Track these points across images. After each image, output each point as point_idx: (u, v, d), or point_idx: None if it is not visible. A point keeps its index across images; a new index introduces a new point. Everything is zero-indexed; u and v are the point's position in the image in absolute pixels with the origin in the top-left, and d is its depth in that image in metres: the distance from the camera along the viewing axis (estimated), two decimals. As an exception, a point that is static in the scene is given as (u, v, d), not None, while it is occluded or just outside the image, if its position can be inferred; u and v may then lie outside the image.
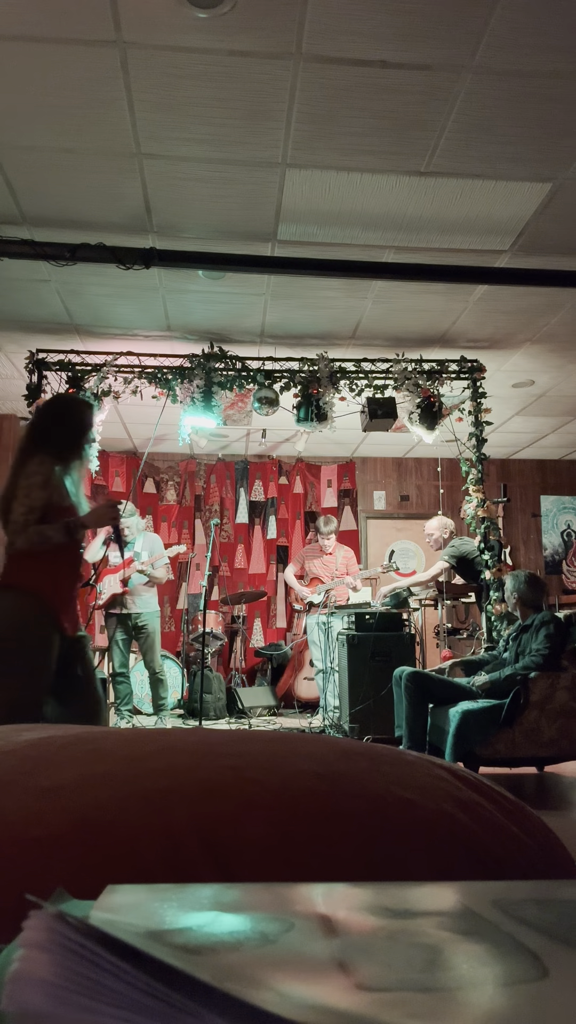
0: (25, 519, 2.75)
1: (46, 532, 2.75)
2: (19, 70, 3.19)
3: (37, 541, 2.75)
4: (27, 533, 2.75)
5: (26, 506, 2.76)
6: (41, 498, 2.78)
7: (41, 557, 2.78)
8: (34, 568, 2.78)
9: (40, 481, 2.79)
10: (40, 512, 2.77)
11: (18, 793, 0.68)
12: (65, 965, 0.27)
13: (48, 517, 2.79)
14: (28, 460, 2.85)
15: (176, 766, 0.74)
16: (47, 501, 2.79)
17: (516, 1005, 0.27)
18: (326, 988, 0.28)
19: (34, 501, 2.77)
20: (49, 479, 2.81)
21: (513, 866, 0.68)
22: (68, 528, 2.77)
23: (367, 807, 0.69)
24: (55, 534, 2.75)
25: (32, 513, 2.76)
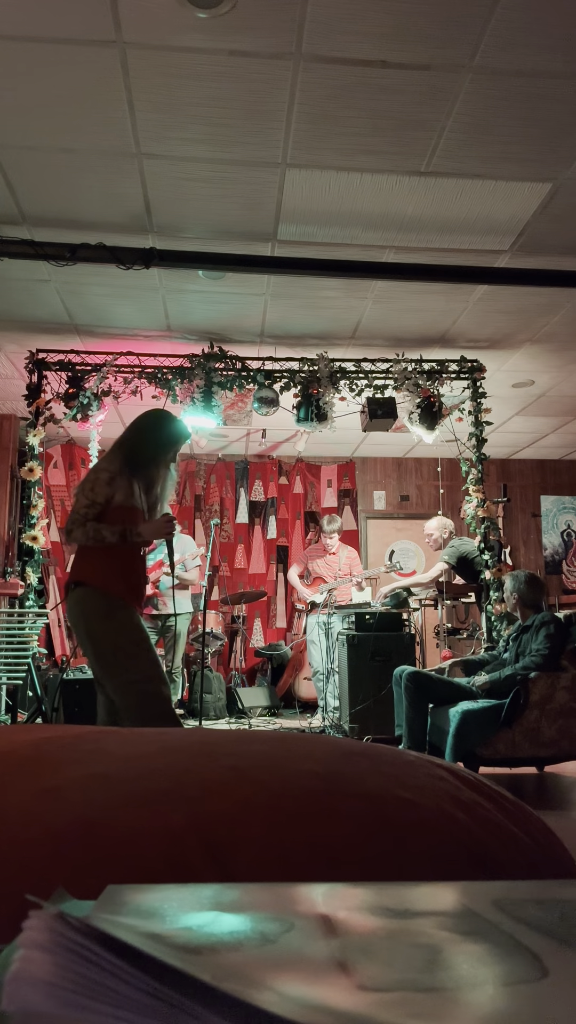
0: (85, 512, 2.86)
1: (102, 532, 2.84)
2: (19, 70, 3.19)
3: (92, 537, 2.84)
4: (85, 527, 2.85)
5: (89, 499, 2.88)
6: (103, 494, 2.88)
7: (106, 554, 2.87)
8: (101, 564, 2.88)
9: (106, 478, 2.90)
10: (100, 508, 2.87)
11: (18, 793, 0.68)
12: (65, 965, 0.27)
13: (110, 514, 2.88)
14: (104, 459, 3.03)
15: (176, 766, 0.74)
16: (109, 498, 2.88)
17: (516, 1005, 0.27)
18: (326, 988, 0.28)
19: (96, 496, 2.88)
20: (115, 478, 2.91)
21: (513, 866, 0.68)
22: (124, 534, 2.86)
23: (367, 807, 0.69)
24: (109, 536, 2.84)
25: (92, 507, 2.87)
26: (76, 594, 2.88)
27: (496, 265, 4.74)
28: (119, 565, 2.91)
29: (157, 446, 3.09)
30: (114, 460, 2.99)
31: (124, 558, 2.94)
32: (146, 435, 3.09)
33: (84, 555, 2.92)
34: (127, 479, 2.95)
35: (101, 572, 2.87)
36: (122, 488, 2.92)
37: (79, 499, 2.90)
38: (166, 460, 3.12)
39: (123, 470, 2.96)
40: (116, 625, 2.82)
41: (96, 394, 5.65)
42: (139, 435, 3.09)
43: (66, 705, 4.72)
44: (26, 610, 5.10)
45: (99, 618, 2.83)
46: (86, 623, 2.84)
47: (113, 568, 2.89)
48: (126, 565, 2.94)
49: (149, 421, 3.16)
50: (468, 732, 3.98)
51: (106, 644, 2.81)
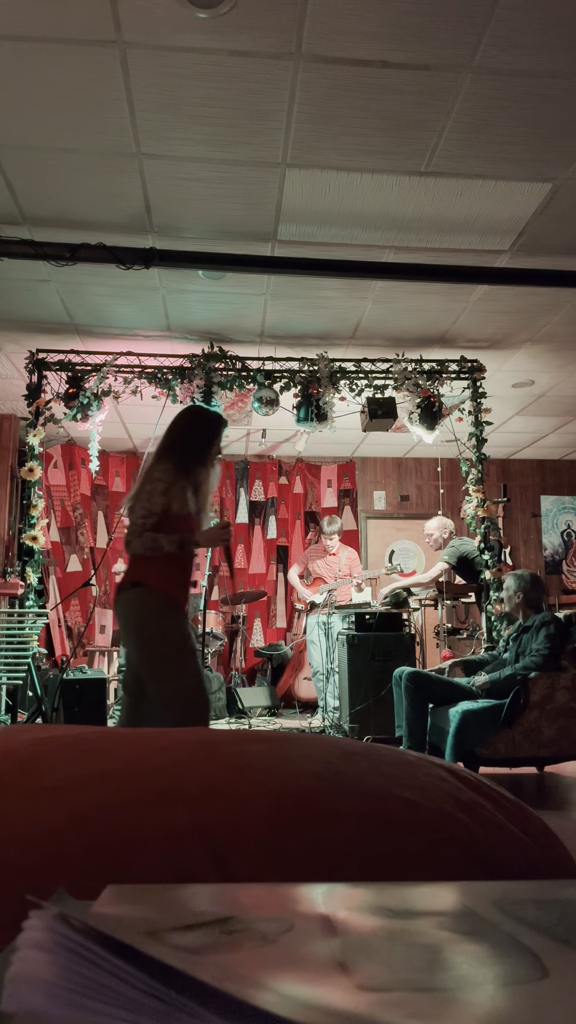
0: (143, 522, 2.87)
1: (160, 541, 2.85)
2: (19, 70, 3.19)
3: (151, 547, 2.86)
4: (143, 538, 2.86)
5: (146, 510, 2.89)
6: (160, 504, 2.89)
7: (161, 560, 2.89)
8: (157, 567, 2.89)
9: (162, 488, 2.91)
10: (158, 517, 2.88)
11: (18, 793, 0.68)
12: (65, 965, 0.27)
13: (167, 523, 2.90)
14: (155, 467, 3.00)
15: (176, 766, 0.74)
16: (166, 507, 2.89)
17: (516, 1005, 0.27)
18: (326, 988, 0.28)
19: (153, 506, 2.88)
20: (170, 487, 2.92)
21: (513, 866, 0.68)
22: (181, 543, 2.88)
23: (367, 807, 0.69)
24: (168, 545, 2.85)
25: (150, 517, 2.88)
26: (133, 593, 2.88)
27: (496, 265, 4.74)
28: (178, 572, 2.95)
29: (205, 445, 3.09)
30: (167, 468, 2.97)
31: (183, 565, 2.97)
32: (192, 436, 3.08)
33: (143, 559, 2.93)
34: (180, 486, 2.96)
35: (160, 576, 2.89)
36: (177, 496, 2.93)
37: (136, 510, 2.91)
38: (212, 457, 3.12)
39: (177, 477, 2.96)
40: (168, 631, 2.84)
41: (96, 394, 5.65)
42: (185, 437, 3.07)
43: (66, 705, 4.72)
44: (26, 610, 5.10)
45: (153, 621, 2.85)
46: (139, 624, 2.85)
47: (172, 574, 2.92)
48: (184, 572, 2.99)
49: (191, 420, 3.15)
50: (468, 732, 3.98)
51: (155, 648, 2.83)
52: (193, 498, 3.00)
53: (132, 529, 2.90)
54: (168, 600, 2.88)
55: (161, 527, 2.89)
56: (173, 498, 2.92)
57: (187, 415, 3.21)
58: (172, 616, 2.87)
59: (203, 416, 3.23)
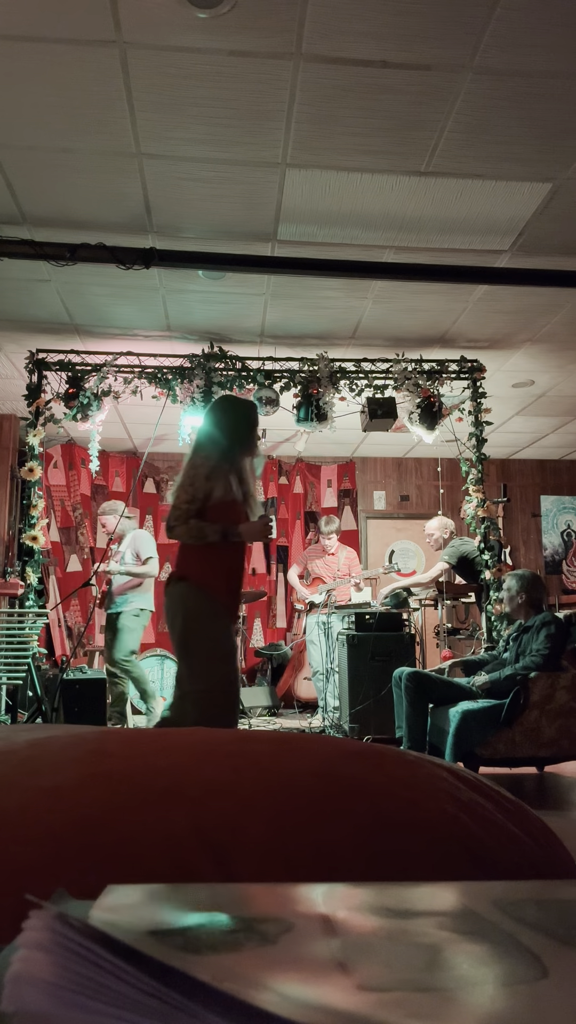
0: (187, 508, 2.86)
1: (204, 530, 2.85)
2: (19, 70, 3.19)
3: (195, 535, 2.85)
4: (188, 525, 2.85)
5: (189, 494, 2.88)
6: (204, 489, 2.88)
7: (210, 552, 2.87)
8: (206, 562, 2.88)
9: (205, 473, 2.90)
10: (201, 503, 2.87)
11: (18, 793, 0.68)
12: (65, 965, 0.27)
13: (211, 510, 2.88)
14: (197, 454, 3.00)
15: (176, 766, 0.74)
16: (208, 493, 2.88)
17: (516, 1005, 0.27)
18: (326, 988, 0.28)
19: (197, 491, 2.88)
20: (213, 471, 2.91)
21: (513, 866, 0.68)
22: (225, 533, 2.85)
23: (367, 807, 0.69)
24: (211, 534, 2.84)
25: (193, 503, 2.87)
26: (179, 588, 2.88)
27: (496, 265, 4.74)
28: (225, 566, 2.92)
29: (245, 433, 3.07)
30: (210, 454, 2.95)
31: (229, 559, 2.94)
32: (231, 424, 3.06)
33: (191, 552, 2.91)
34: (224, 473, 2.94)
35: (206, 571, 2.87)
36: (221, 483, 2.92)
37: (179, 495, 2.89)
38: (254, 444, 3.11)
39: (221, 464, 2.94)
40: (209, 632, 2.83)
41: (96, 394, 5.64)
42: (228, 425, 3.05)
43: (66, 705, 4.72)
44: (26, 610, 5.10)
45: (196, 620, 2.84)
46: (183, 621, 2.85)
47: (218, 568, 2.89)
48: (231, 566, 2.95)
49: (228, 409, 3.14)
50: (468, 732, 3.98)
51: (194, 648, 2.82)
52: (238, 486, 2.97)
53: (176, 515, 2.87)
54: (211, 598, 2.85)
55: (205, 514, 2.87)
56: (216, 484, 2.90)
57: (223, 404, 3.20)
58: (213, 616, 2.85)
59: (239, 404, 3.23)
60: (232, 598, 2.96)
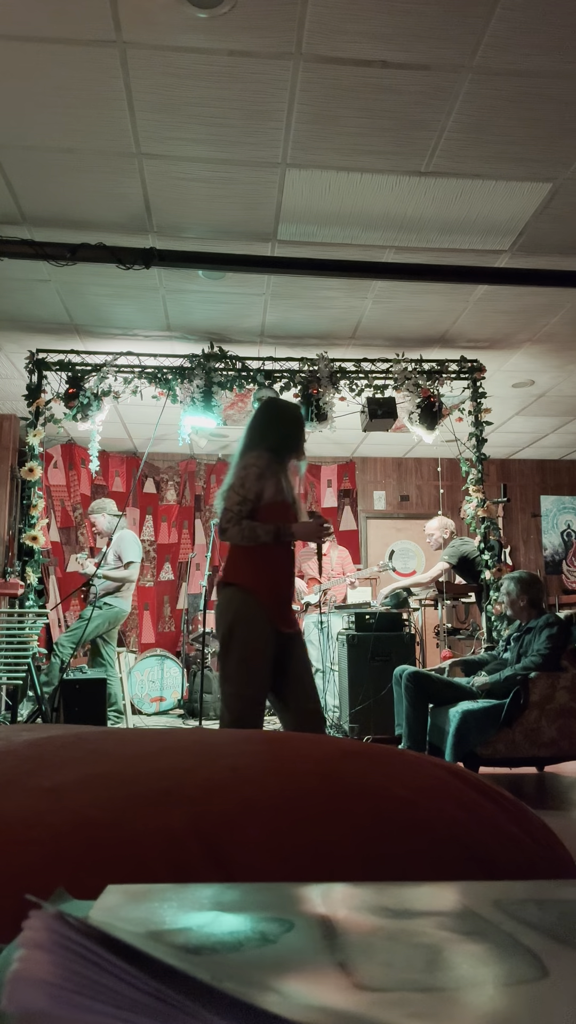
0: (238, 509, 2.83)
1: (257, 531, 2.82)
2: (19, 70, 3.19)
3: (247, 536, 2.82)
4: (240, 527, 2.83)
5: (240, 495, 2.84)
6: (254, 490, 2.85)
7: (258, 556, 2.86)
8: (252, 567, 2.86)
9: (255, 473, 2.87)
10: (252, 504, 2.85)
11: (18, 793, 0.68)
12: (65, 965, 0.27)
13: (262, 512, 2.86)
14: (246, 456, 2.95)
15: (176, 766, 0.74)
16: (259, 494, 2.86)
17: (516, 1005, 0.27)
18: (326, 988, 0.28)
19: (247, 492, 2.84)
20: (264, 472, 2.88)
21: (513, 866, 0.68)
22: (278, 533, 2.83)
23: (367, 807, 0.69)
24: (264, 535, 2.81)
25: (244, 504, 2.84)
26: (226, 593, 2.88)
27: (496, 265, 4.74)
28: (271, 570, 2.90)
29: (292, 435, 3.05)
30: (259, 454, 2.92)
31: (277, 563, 2.92)
32: (278, 427, 3.04)
33: (238, 556, 2.90)
34: (274, 473, 2.92)
35: (252, 576, 2.86)
36: (271, 483, 2.89)
37: (230, 497, 2.86)
38: (301, 446, 3.09)
39: (270, 464, 2.91)
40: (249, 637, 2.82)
41: (96, 394, 5.64)
42: (277, 426, 3.03)
43: (66, 705, 4.72)
44: (26, 610, 5.10)
45: (238, 624, 2.83)
46: (228, 623, 2.84)
47: (264, 573, 2.88)
48: (278, 570, 2.93)
49: (274, 412, 3.13)
50: (468, 732, 3.98)
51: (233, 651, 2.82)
52: (287, 487, 2.95)
53: (227, 517, 2.84)
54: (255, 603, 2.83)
55: (256, 515, 2.84)
56: (267, 484, 2.87)
57: (271, 406, 3.19)
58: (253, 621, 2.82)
59: (287, 406, 3.22)
60: (276, 603, 2.92)
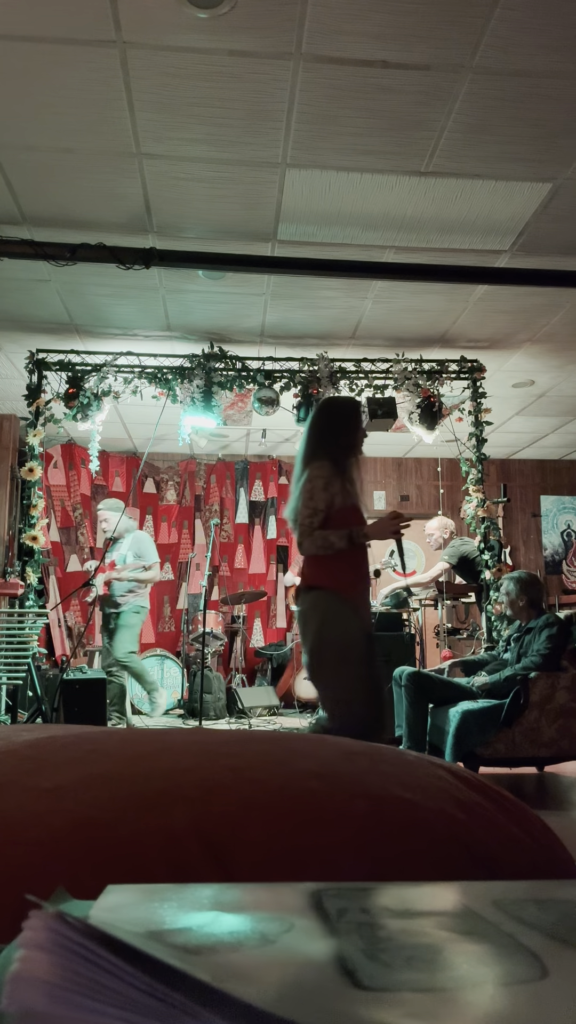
0: (310, 522, 2.84)
1: (330, 538, 2.83)
2: (19, 70, 3.19)
3: (322, 546, 2.84)
4: (313, 537, 2.84)
5: (310, 508, 2.85)
6: (323, 500, 2.86)
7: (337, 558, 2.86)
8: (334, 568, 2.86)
9: (322, 484, 2.87)
10: (324, 514, 2.86)
11: (18, 793, 0.68)
12: (65, 965, 0.27)
13: (333, 519, 2.86)
14: (308, 465, 2.95)
15: (176, 766, 0.74)
16: (330, 503, 2.87)
17: (516, 1005, 0.27)
18: (326, 988, 0.28)
19: (317, 503, 2.86)
20: (330, 482, 2.89)
21: (513, 866, 0.68)
22: (351, 537, 2.84)
23: (367, 807, 0.69)
24: (338, 541, 2.82)
25: (316, 516, 2.85)
26: (312, 597, 2.87)
27: (496, 265, 4.74)
28: (352, 569, 2.90)
29: (350, 434, 3.04)
30: (322, 464, 2.92)
31: (356, 561, 2.92)
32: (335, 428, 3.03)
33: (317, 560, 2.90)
34: (339, 478, 2.92)
35: (335, 576, 2.86)
36: (338, 490, 2.90)
37: (301, 512, 2.88)
38: (360, 444, 3.08)
39: (334, 471, 2.92)
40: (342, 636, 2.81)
41: (96, 394, 5.65)
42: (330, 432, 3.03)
43: (66, 705, 4.72)
44: (26, 610, 5.10)
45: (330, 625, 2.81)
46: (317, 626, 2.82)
47: (346, 572, 2.88)
48: (358, 570, 2.94)
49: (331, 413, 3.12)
50: (468, 732, 3.98)
51: (328, 653, 2.80)
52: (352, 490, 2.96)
53: (301, 531, 2.86)
54: (343, 602, 2.83)
55: (328, 524, 2.85)
56: (335, 492, 2.88)
57: (325, 409, 3.18)
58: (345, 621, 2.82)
59: (342, 406, 3.20)
60: (363, 600, 2.93)
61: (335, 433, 3.02)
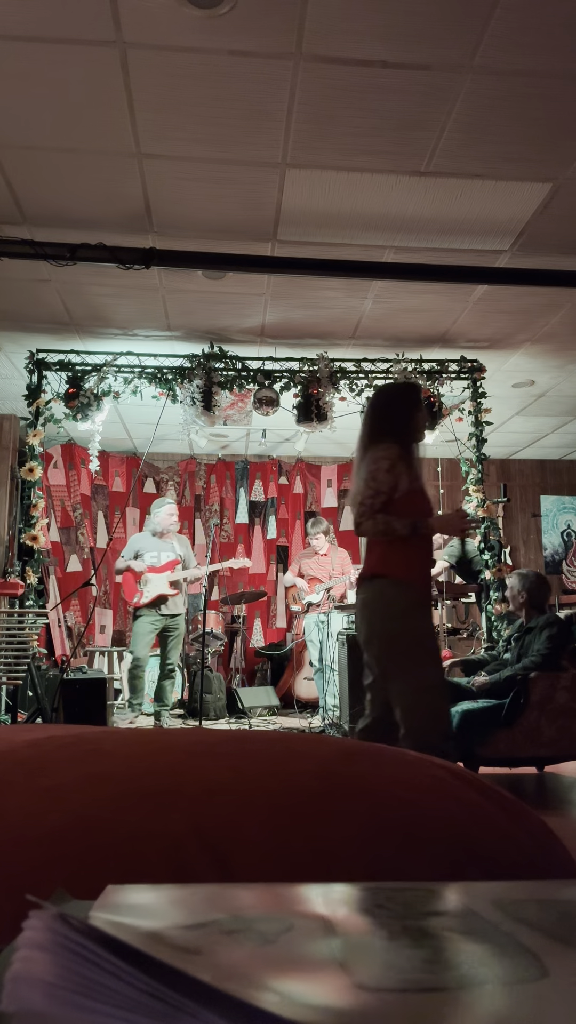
0: (372, 503, 2.75)
1: (393, 525, 2.73)
2: (19, 70, 3.19)
3: (383, 531, 2.74)
4: (375, 520, 2.75)
5: (373, 489, 2.76)
6: (387, 482, 2.77)
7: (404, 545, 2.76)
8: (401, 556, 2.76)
9: (386, 465, 2.78)
10: (386, 497, 2.77)
11: (18, 793, 0.68)
12: (65, 965, 0.27)
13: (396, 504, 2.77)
14: (373, 447, 2.85)
15: (176, 766, 0.74)
16: (393, 485, 2.78)
17: (516, 1005, 0.27)
18: (326, 988, 0.28)
19: (380, 485, 2.76)
20: (395, 464, 2.79)
21: (513, 866, 0.68)
22: (415, 527, 2.74)
23: (367, 807, 0.69)
24: (400, 528, 2.73)
25: (379, 497, 2.76)
26: (377, 586, 2.76)
27: (496, 265, 4.74)
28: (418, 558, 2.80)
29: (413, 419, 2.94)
30: (388, 446, 2.81)
31: (423, 551, 2.83)
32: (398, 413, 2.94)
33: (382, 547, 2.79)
34: (405, 461, 2.82)
35: (404, 565, 2.75)
36: (403, 472, 2.80)
37: (364, 491, 2.78)
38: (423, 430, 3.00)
39: (401, 453, 2.82)
40: (416, 626, 2.73)
41: (96, 394, 5.65)
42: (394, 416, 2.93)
43: (66, 705, 4.71)
44: (26, 610, 5.10)
45: (400, 616, 2.71)
46: (384, 619, 2.72)
47: (414, 561, 2.78)
48: (424, 560, 2.84)
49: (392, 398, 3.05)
50: (468, 732, 3.98)
51: (402, 645, 2.70)
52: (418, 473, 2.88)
53: (362, 512, 2.76)
54: (413, 591, 2.74)
55: (391, 507, 2.77)
56: (399, 475, 2.79)
57: (390, 392, 3.12)
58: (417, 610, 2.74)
59: (405, 390, 3.14)
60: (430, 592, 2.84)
61: (399, 416, 2.92)
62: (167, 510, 6.10)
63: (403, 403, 2.99)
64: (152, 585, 5.90)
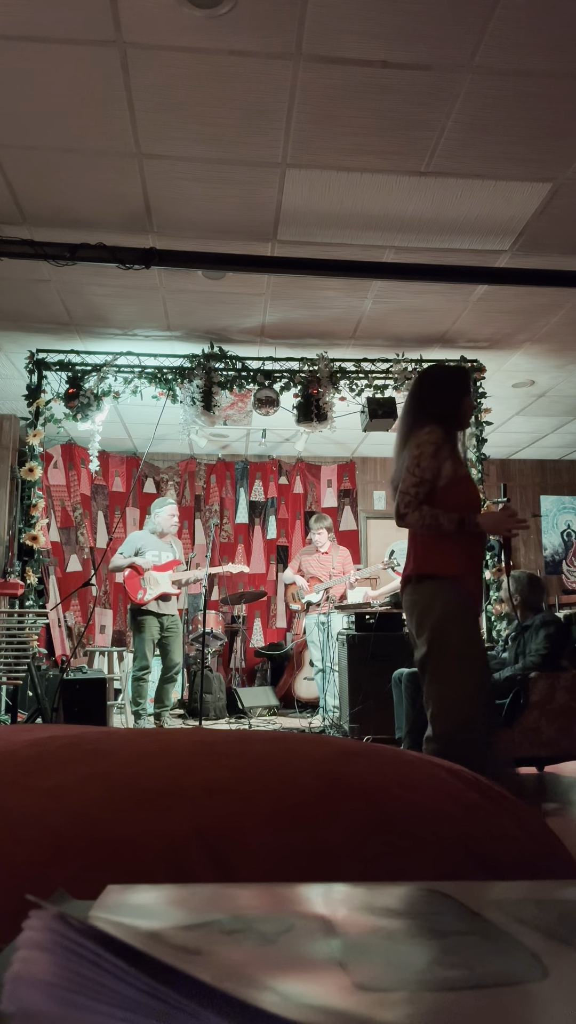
0: (416, 491, 2.60)
1: (439, 519, 2.57)
2: (19, 70, 3.19)
3: (429, 524, 2.58)
4: (420, 512, 2.59)
5: (417, 477, 2.60)
6: (431, 469, 2.61)
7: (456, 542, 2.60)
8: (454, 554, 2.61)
9: (431, 450, 2.62)
10: (430, 485, 2.61)
11: (18, 793, 0.68)
12: (65, 965, 0.27)
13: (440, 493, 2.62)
14: (417, 431, 2.68)
15: (176, 766, 0.74)
16: (438, 472, 2.62)
17: (516, 1005, 0.27)
18: (326, 988, 0.28)
19: (424, 472, 2.61)
20: (440, 448, 2.63)
21: (513, 866, 0.68)
22: (462, 523, 2.57)
23: (367, 807, 0.69)
24: (447, 523, 2.56)
25: (422, 486, 2.60)
26: (428, 587, 2.60)
27: (496, 265, 4.74)
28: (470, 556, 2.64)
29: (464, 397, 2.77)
30: (433, 429, 2.63)
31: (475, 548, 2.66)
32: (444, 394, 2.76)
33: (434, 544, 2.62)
34: (449, 446, 2.65)
35: (455, 564, 2.59)
36: (449, 458, 2.63)
37: (406, 479, 2.62)
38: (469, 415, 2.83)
39: (445, 437, 2.64)
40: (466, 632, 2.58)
41: (96, 394, 5.65)
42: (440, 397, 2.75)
43: (66, 705, 4.72)
44: (26, 610, 5.10)
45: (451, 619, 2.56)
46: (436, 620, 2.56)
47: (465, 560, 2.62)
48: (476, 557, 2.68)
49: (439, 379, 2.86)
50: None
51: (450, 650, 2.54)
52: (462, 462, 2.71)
53: (406, 501, 2.60)
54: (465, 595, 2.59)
55: (434, 496, 2.60)
56: (443, 461, 2.61)
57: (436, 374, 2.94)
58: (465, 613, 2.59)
59: (452, 372, 2.96)
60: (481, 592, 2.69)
61: (448, 400, 2.75)
62: (168, 511, 6.10)
63: (453, 386, 2.80)
64: (156, 583, 5.91)
